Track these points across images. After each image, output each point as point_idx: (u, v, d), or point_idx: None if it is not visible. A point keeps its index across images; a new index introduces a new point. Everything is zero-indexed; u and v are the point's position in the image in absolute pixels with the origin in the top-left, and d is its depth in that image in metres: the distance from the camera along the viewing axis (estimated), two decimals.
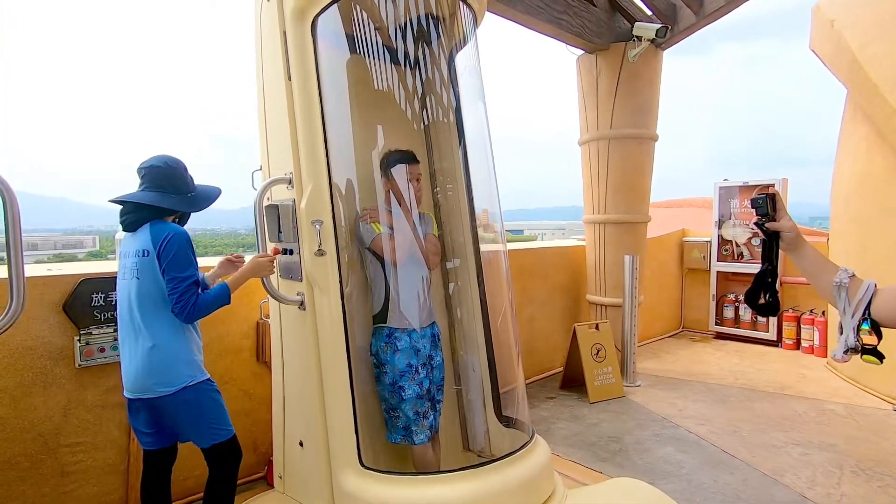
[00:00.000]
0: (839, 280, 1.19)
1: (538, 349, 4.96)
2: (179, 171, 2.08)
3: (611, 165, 4.78)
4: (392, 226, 2.37)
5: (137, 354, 1.95)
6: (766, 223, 1.32)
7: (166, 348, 1.94)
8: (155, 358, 1.93)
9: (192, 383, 1.97)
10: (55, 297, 2.35)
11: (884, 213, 4.22)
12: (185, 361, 1.98)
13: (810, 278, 1.28)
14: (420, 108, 2.72)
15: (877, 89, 3.99)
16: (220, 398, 2.09)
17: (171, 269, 1.91)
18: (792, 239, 1.30)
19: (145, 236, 1.96)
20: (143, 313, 1.95)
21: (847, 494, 2.79)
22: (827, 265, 1.25)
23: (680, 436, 3.57)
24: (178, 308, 1.90)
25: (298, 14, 2.17)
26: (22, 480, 2.29)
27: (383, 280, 2.37)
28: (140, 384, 1.95)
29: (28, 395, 2.30)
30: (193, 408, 1.99)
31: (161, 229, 1.97)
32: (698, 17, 4.56)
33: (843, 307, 1.18)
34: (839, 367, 4.87)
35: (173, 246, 1.92)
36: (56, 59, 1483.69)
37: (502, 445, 2.47)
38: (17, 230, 1.58)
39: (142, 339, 1.94)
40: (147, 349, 1.93)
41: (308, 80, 2.18)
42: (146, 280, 1.94)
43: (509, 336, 2.71)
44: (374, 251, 2.37)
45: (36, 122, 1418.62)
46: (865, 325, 1.13)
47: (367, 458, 2.12)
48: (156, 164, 2.04)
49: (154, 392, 1.94)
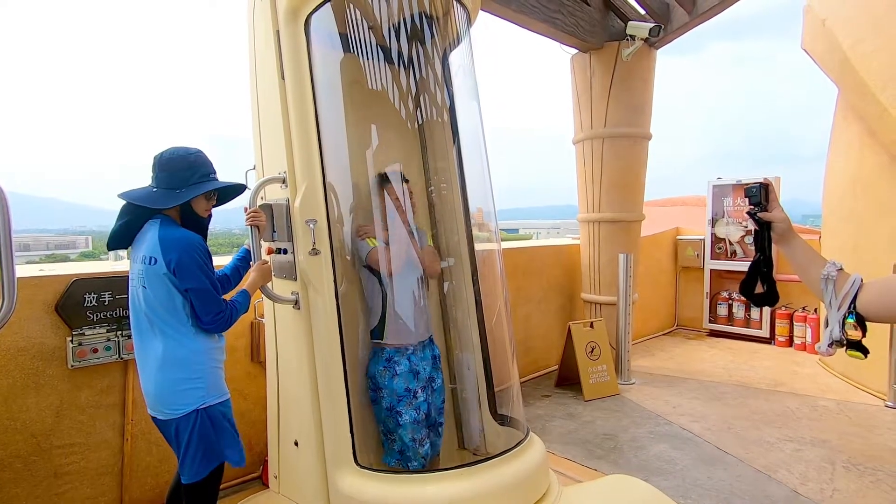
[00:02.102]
0: (827, 273, 1.20)
1: (533, 347, 4.98)
2: (176, 161, 1.90)
3: (605, 164, 4.80)
4: (387, 240, 2.37)
5: (147, 369, 1.86)
6: (758, 213, 1.33)
7: (178, 365, 1.82)
8: (164, 377, 1.82)
9: (204, 406, 1.85)
10: (47, 297, 2.34)
11: (875, 210, 4.25)
12: (201, 379, 1.85)
13: (799, 271, 1.28)
14: (414, 107, 2.72)
15: (867, 87, 4.02)
16: (232, 422, 1.97)
17: (187, 282, 1.79)
18: (784, 230, 1.30)
19: (152, 241, 1.83)
20: (152, 324, 1.84)
21: (839, 489, 2.81)
22: (816, 258, 1.26)
23: (674, 433, 3.59)
24: (212, 321, 1.82)
25: (291, 13, 2.16)
26: (14, 482, 2.28)
27: (380, 295, 2.35)
28: (151, 402, 1.87)
29: (20, 396, 2.28)
30: (188, 436, 1.83)
31: (167, 236, 1.83)
32: (691, 17, 4.58)
33: (829, 300, 1.18)
34: (831, 363, 4.91)
35: (183, 258, 1.79)
36: (50, 57, 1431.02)
37: (497, 443, 2.47)
38: (7, 230, 1.57)
39: (151, 352, 1.84)
40: (157, 366, 1.83)
41: (302, 79, 2.17)
42: (153, 290, 1.82)
43: (504, 334, 2.72)
44: (370, 266, 2.36)
45: (29, 122, 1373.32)
46: (850, 318, 1.14)
47: (362, 458, 2.12)
48: (159, 154, 1.93)
49: (163, 414, 1.85)
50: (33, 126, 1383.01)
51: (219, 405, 1.91)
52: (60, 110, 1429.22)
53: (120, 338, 2.45)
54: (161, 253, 1.80)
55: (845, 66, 4.25)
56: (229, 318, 1.89)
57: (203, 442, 1.85)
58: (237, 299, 1.98)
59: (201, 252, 1.84)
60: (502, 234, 3.87)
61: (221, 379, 1.97)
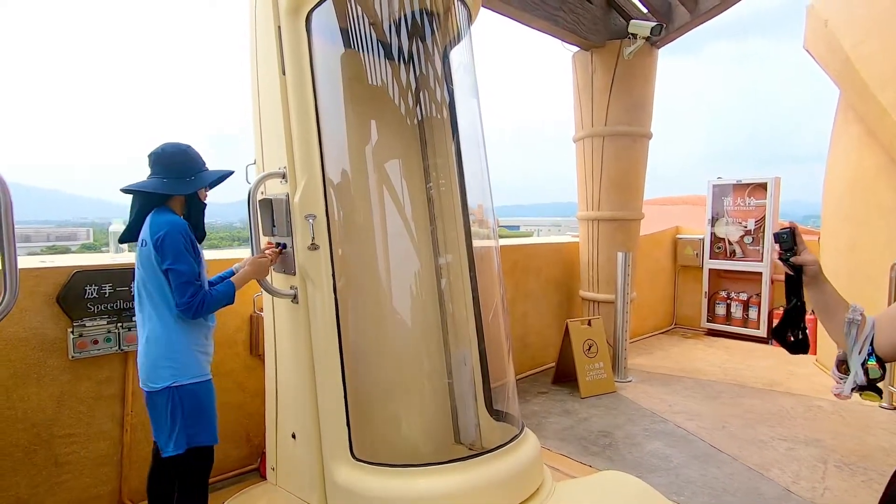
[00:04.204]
0: (851, 317, 1.19)
1: (531, 344, 5.00)
2: (179, 155, 2.03)
3: (605, 162, 4.81)
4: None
5: (140, 344, 1.98)
6: (791, 257, 1.31)
7: (157, 343, 1.92)
8: (147, 351, 1.94)
9: (175, 385, 1.91)
10: (48, 288, 2.36)
11: (875, 211, 4.26)
12: (173, 359, 1.92)
13: (824, 314, 1.27)
14: (414, 103, 2.73)
15: (868, 88, 4.03)
16: (206, 404, 2.00)
17: (166, 260, 1.88)
18: (815, 272, 1.30)
19: (146, 226, 1.95)
20: (142, 305, 1.97)
21: (830, 488, 2.84)
22: (842, 301, 1.25)
23: (669, 431, 3.62)
24: (184, 304, 1.87)
25: (293, 9, 2.17)
26: (15, 471, 2.31)
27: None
28: (140, 375, 1.98)
29: (21, 386, 2.31)
30: (162, 411, 1.92)
31: (157, 220, 1.94)
32: (693, 16, 4.58)
33: (851, 344, 1.18)
34: (827, 363, 4.93)
35: (166, 237, 1.88)
36: (53, 53, 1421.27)
37: (493, 438, 2.50)
38: (9, 222, 1.58)
39: (142, 329, 1.97)
40: (143, 341, 1.95)
41: (302, 75, 2.19)
42: (144, 271, 1.95)
43: (501, 331, 2.74)
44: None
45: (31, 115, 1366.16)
46: (872, 359, 1.14)
47: (359, 450, 2.15)
48: (156, 150, 2.03)
49: (146, 386, 1.96)
50: (36, 119, 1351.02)
51: (191, 384, 1.95)
52: (63, 104, 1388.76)
53: (120, 329, 2.48)
54: (150, 236, 1.91)
55: (846, 66, 4.26)
56: (201, 302, 1.90)
57: (173, 417, 1.92)
58: (218, 288, 2.01)
59: (184, 235, 1.92)
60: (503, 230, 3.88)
61: (200, 361, 2.00)
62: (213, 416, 2.04)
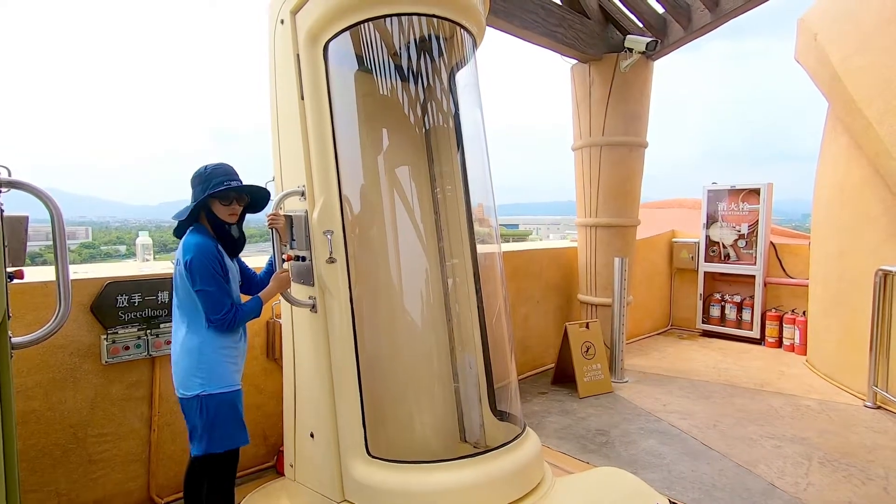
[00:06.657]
0: None
1: (532, 346, 5.18)
2: (193, 177, 2.18)
3: (602, 171, 4.98)
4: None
5: (174, 352, 2.16)
6: None
7: (190, 354, 2.10)
8: (180, 360, 2.13)
9: (204, 394, 2.09)
10: (84, 298, 2.53)
11: (861, 220, 4.44)
12: (203, 370, 2.09)
13: None
14: (422, 117, 2.88)
15: (854, 102, 4.20)
16: (232, 412, 2.15)
17: (196, 284, 2.05)
18: None
19: (180, 246, 2.13)
20: (174, 319, 2.17)
21: (813, 483, 3.02)
22: None
23: (663, 429, 3.80)
24: (217, 321, 2.05)
25: (311, 39, 2.33)
26: (53, 468, 2.49)
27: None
28: (175, 382, 2.16)
29: (59, 390, 2.49)
30: (191, 416, 2.12)
31: (187, 242, 2.11)
32: (686, 32, 4.75)
33: None
34: (817, 365, 5.12)
35: (193, 262, 2.04)
36: (54, 52, 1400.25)
37: (496, 437, 2.68)
38: (63, 239, 1.75)
39: (176, 336, 2.16)
40: (178, 349, 2.14)
41: (320, 99, 2.35)
42: (179, 287, 2.14)
43: (503, 334, 2.91)
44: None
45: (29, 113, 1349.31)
46: None
47: (373, 448, 2.32)
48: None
49: (179, 393, 2.14)
50: (34, 118, 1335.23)
51: (220, 394, 2.12)
52: (61, 102, 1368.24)
53: (149, 336, 2.65)
54: (182, 256, 2.08)
55: (834, 80, 4.42)
56: (233, 320, 2.09)
57: (202, 423, 2.10)
58: (247, 304, 2.18)
59: (211, 258, 2.06)
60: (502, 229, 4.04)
61: (230, 372, 2.17)
62: (238, 422, 2.20)
